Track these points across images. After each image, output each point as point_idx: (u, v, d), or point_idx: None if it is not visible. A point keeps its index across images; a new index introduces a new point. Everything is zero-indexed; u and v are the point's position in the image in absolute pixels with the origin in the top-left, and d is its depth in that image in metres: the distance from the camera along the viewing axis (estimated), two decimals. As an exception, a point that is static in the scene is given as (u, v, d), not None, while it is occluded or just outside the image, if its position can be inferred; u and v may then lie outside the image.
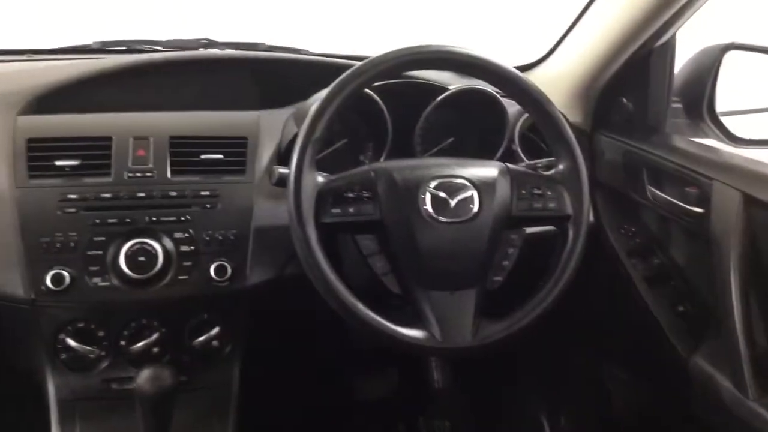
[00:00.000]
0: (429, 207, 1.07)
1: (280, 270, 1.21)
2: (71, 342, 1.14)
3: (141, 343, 1.17)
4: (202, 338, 1.20)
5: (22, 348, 1.19)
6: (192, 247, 1.17)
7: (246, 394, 1.25)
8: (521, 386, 1.82)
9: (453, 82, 1.42)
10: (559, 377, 1.77)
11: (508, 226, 1.11)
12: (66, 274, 1.10)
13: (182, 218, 1.17)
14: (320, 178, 1.07)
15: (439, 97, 1.32)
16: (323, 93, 1.10)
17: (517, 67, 1.14)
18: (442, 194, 1.07)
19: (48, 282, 1.09)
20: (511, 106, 1.37)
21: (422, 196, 1.07)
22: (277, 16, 2.21)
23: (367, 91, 1.23)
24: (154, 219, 1.16)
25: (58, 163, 1.16)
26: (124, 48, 1.54)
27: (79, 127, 1.22)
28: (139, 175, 1.19)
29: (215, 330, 1.21)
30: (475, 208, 1.08)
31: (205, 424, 1.22)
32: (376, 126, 1.33)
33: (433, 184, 1.08)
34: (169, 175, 1.20)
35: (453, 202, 1.07)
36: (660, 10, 1.24)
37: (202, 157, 1.23)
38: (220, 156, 1.24)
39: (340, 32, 2.22)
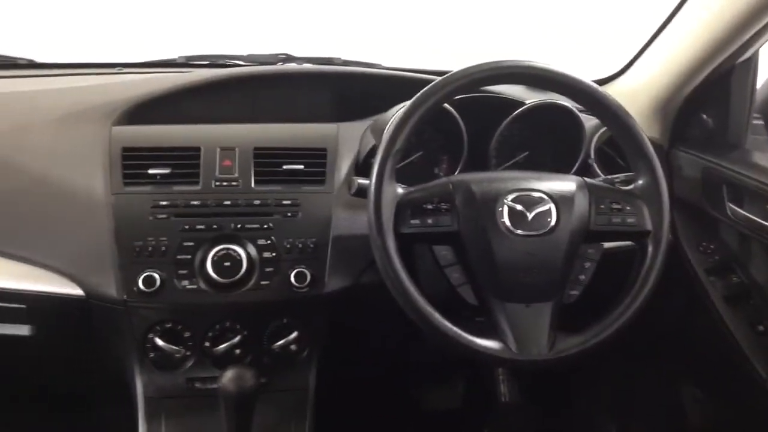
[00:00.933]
0: (506, 220, 1.08)
1: (356, 278, 1.24)
2: (159, 342, 1.20)
3: (224, 345, 1.22)
4: (281, 342, 1.24)
5: (114, 347, 1.25)
6: (274, 254, 1.21)
7: (321, 398, 1.28)
8: (590, 402, 1.80)
9: (526, 95, 1.43)
10: (630, 394, 1.75)
11: (585, 241, 1.11)
12: (157, 276, 1.16)
13: (265, 226, 1.22)
14: (400, 190, 1.09)
15: (516, 112, 1.34)
16: (404, 106, 1.13)
17: (594, 81, 1.14)
18: (520, 207, 1.09)
19: (140, 284, 1.15)
20: (588, 121, 1.37)
21: (500, 209, 1.08)
22: (350, 32, 2.26)
23: (445, 104, 1.25)
24: (239, 226, 1.21)
25: (150, 171, 1.23)
26: (207, 62, 1.61)
27: (170, 138, 1.28)
28: (225, 184, 1.24)
29: (294, 334, 1.24)
30: (553, 221, 1.08)
31: (284, 425, 1.25)
32: (451, 139, 1.35)
33: (510, 197, 1.09)
34: (253, 184, 1.25)
35: (530, 216, 1.08)
36: (744, 26, 1.23)
37: (284, 167, 1.27)
38: (301, 167, 1.28)
39: (412, 47, 2.25)
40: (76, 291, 1.17)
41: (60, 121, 1.27)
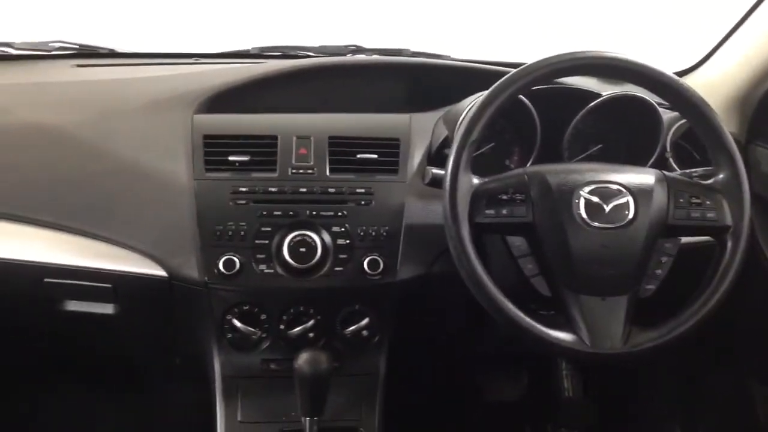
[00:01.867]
0: (582, 212, 1.08)
1: (428, 266, 1.26)
2: (237, 323, 1.24)
3: (298, 328, 1.25)
4: (353, 327, 1.27)
5: (193, 327, 1.30)
6: (347, 241, 1.23)
7: (390, 382, 1.31)
8: (655, 399, 1.78)
9: (600, 87, 1.42)
10: (697, 392, 1.72)
11: (663, 235, 1.10)
12: (236, 260, 1.19)
13: (339, 213, 1.24)
14: (475, 180, 1.10)
15: (592, 103, 1.33)
16: (479, 97, 1.14)
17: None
18: (597, 199, 1.08)
19: (220, 266, 1.19)
20: (665, 113, 1.35)
21: (576, 201, 1.08)
22: (418, 24, 2.27)
23: (520, 96, 1.26)
24: (314, 213, 1.24)
25: (230, 158, 1.26)
26: (279, 53, 1.64)
27: (248, 126, 1.32)
28: (301, 171, 1.27)
29: (365, 320, 1.27)
30: (631, 214, 1.08)
31: (355, 407, 1.28)
32: (523, 131, 1.35)
33: (587, 189, 1.09)
34: (328, 172, 1.28)
35: (608, 208, 1.08)
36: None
37: (358, 156, 1.29)
38: (375, 156, 1.30)
39: (479, 38, 2.25)
40: (160, 272, 1.21)
41: (145, 109, 1.32)
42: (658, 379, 1.78)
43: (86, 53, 1.61)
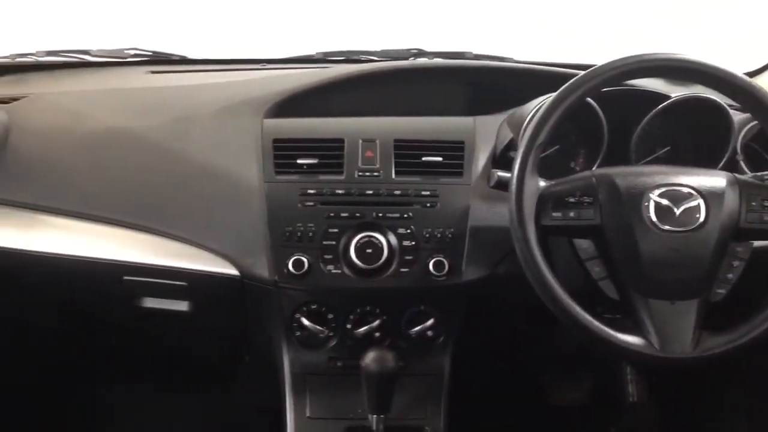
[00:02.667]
0: (652, 215, 1.07)
1: (493, 268, 1.26)
2: (305, 321, 1.27)
3: (364, 328, 1.27)
4: (417, 328, 1.28)
5: (263, 325, 1.34)
6: (413, 243, 1.25)
7: (454, 382, 1.32)
8: (723, 405, 1.74)
9: (666, 88, 1.40)
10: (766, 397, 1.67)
11: (734, 238, 1.09)
12: (305, 260, 1.22)
13: (405, 215, 1.26)
14: (542, 182, 1.11)
15: (661, 105, 1.31)
16: (546, 99, 1.14)
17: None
18: (667, 202, 1.07)
19: (290, 266, 1.22)
20: (735, 115, 1.33)
21: (645, 204, 1.08)
22: (479, 26, 2.28)
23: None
24: (380, 215, 1.26)
25: (299, 161, 1.30)
26: (343, 58, 1.68)
27: (315, 130, 1.36)
28: (367, 174, 1.29)
29: (430, 321, 1.28)
30: (702, 218, 1.07)
31: (420, 407, 1.30)
32: (589, 133, 1.34)
33: (657, 192, 1.08)
34: (393, 175, 1.30)
35: (678, 211, 1.07)
36: None
37: (423, 159, 1.31)
38: (440, 159, 1.31)
39: (541, 40, 2.24)
40: (232, 271, 1.25)
41: (217, 114, 1.37)
42: (726, 385, 1.74)
43: (159, 60, 1.67)
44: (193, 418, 1.85)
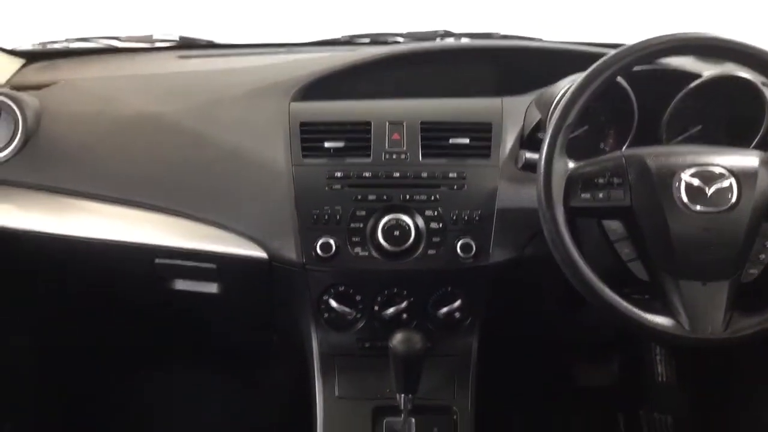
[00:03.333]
0: (683, 195, 1.06)
1: (520, 250, 1.26)
2: (333, 303, 1.28)
3: (392, 309, 1.28)
4: (445, 309, 1.29)
5: (292, 307, 1.36)
6: (440, 225, 1.25)
7: (481, 364, 1.33)
8: (754, 388, 1.72)
9: (697, 66, 1.38)
10: None
11: (767, 219, 1.07)
12: (332, 243, 1.23)
13: (432, 198, 1.26)
14: (570, 164, 1.10)
15: (692, 84, 1.29)
16: (575, 79, 1.13)
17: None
18: (698, 182, 1.06)
19: (317, 249, 1.23)
20: (768, 94, 1.30)
21: (676, 184, 1.07)
22: (507, 6, 2.25)
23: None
24: (408, 197, 1.26)
25: (326, 144, 1.30)
26: (369, 40, 1.67)
27: (342, 113, 1.35)
28: (394, 156, 1.29)
29: (457, 302, 1.29)
30: (734, 198, 1.05)
31: (448, 387, 1.31)
32: (619, 113, 1.32)
33: (688, 172, 1.07)
34: (420, 157, 1.29)
35: (710, 191, 1.06)
36: None
37: (450, 141, 1.31)
38: (467, 140, 1.31)
39: (569, 19, 2.20)
40: (261, 254, 1.27)
41: (245, 98, 1.37)
42: (757, 366, 1.72)
43: (187, 45, 1.68)
44: (222, 400, 1.89)
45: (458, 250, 1.24)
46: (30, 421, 1.73)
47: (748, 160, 1.08)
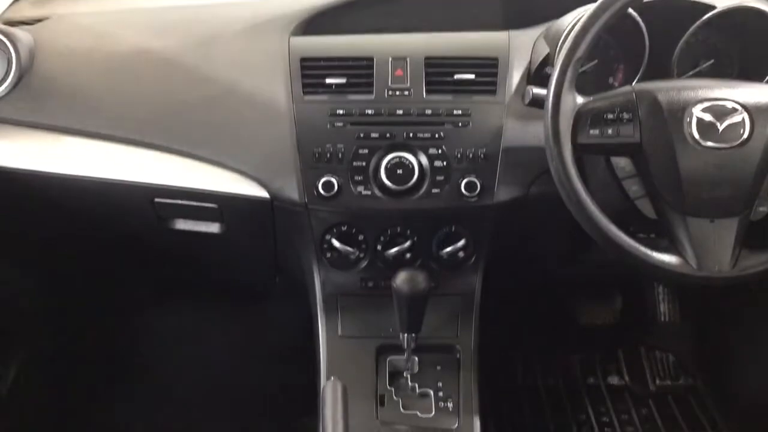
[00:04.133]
0: (694, 131, 1.03)
1: (526, 188, 1.24)
2: (336, 243, 1.27)
3: (395, 249, 1.28)
4: (449, 249, 1.28)
5: (294, 247, 1.35)
6: (444, 163, 1.23)
7: (485, 303, 1.33)
8: (756, 327, 1.73)
9: (712, -1, 1.33)
10: None
11: None
12: (335, 181, 1.21)
13: (436, 135, 1.24)
14: (579, 99, 1.07)
15: (705, 16, 1.24)
16: (585, 11, 1.09)
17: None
18: (710, 118, 1.03)
19: (320, 188, 1.21)
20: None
21: (687, 120, 1.04)
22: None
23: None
24: (411, 135, 1.24)
25: (327, 81, 1.27)
26: None
27: (344, 48, 1.31)
28: (398, 93, 1.26)
29: (461, 242, 1.28)
30: (746, 134, 1.03)
31: (451, 326, 1.31)
32: (629, 47, 1.28)
33: (700, 107, 1.04)
34: (424, 94, 1.26)
35: (721, 127, 1.03)
36: None
37: (455, 77, 1.27)
38: (472, 76, 1.27)
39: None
40: (262, 193, 1.25)
41: (243, 33, 1.33)
42: (759, 305, 1.73)
43: None
44: (226, 339, 1.90)
45: (462, 188, 1.22)
46: (34, 362, 1.75)
47: (761, 94, 1.05)
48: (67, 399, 1.75)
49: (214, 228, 1.35)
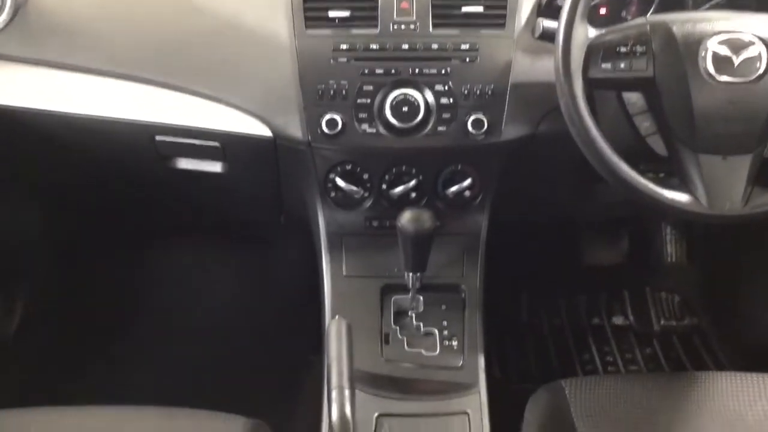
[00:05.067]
0: (709, 65, 1.00)
1: (535, 126, 1.21)
2: (340, 182, 1.26)
3: (400, 188, 1.26)
4: (454, 188, 1.26)
5: (298, 186, 1.33)
6: (451, 100, 1.20)
7: (491, 242, 1.31)
8: (764, 269, 1.72)
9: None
10: None
11: None
12: (338, 119, 1.18)
13: (443, 71, 1.20)
14: (591, 32, 1.03)
15: None
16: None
17: None
18: (726, 51, 1.00)
19: (323, 126, 1.19)
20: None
21: (702, 54, 1.00)
22: None
23: None
24: (417, 71, 1.20)
25: (330, 14, 1.22)
26: None
27: None
28: (403, 27, 1.22)
29: (467, 181, 1.26)
30: (762, 68, 0.99)
31: (457, 266, 1.30)
32: None
33: (716, 39, 1.00)
34: (431, 28, 1.22)
35: (737, 61, 0.99)
36: None
37: (463, 10, 1.22)
38: (480, 9, 1.22)
39: None
40: (265, 131, 1.22)
41: None
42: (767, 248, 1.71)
43: None
44: (231, 278, 1.91)
45: (469, 126, 1.19)
46: (41, 298, 1.77)
47: None
48: (74, 337, 1.76)
49: (216, 167, 1.33)
